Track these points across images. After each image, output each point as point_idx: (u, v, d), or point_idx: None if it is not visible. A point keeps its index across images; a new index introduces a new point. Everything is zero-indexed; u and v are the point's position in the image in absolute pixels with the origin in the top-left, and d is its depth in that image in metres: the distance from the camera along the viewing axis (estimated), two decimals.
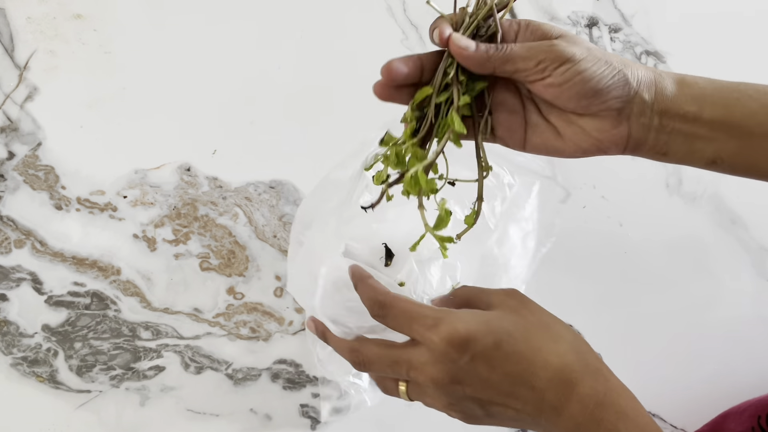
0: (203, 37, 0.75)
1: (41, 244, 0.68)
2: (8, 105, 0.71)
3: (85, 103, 0.72)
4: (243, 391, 0.68)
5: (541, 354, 0.42)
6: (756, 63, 0.80)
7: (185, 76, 0.74)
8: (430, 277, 0.65)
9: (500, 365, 0.42)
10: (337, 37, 0.77)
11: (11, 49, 0.73)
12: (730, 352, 0.73)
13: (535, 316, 0.44)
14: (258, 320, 0.69)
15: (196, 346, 0.68)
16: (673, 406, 0.72)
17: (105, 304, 0.68)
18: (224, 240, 0.70)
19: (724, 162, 0.44)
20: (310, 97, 0.74)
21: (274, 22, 0.76)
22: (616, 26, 0.80)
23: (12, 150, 0.70)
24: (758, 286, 0.74)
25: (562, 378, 0.42)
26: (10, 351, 0.66)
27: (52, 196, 0.70)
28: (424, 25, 0.77)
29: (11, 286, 0.67)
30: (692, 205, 0.76)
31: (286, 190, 0.72)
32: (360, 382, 0.66)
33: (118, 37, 0.74)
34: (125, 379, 0.67)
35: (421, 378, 0.44)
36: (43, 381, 0.66)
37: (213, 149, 0.72)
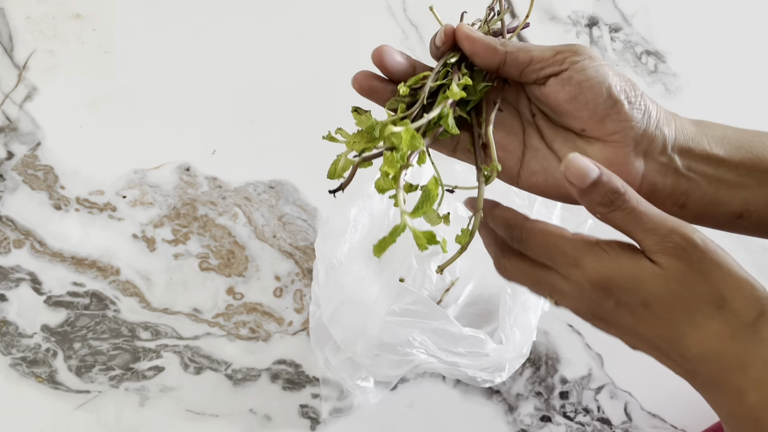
0: (203, 37, 0.75)
1: (40, 244, 0.68)
2: (7, 105, 0.71)
3: (84, 103, 0.72)
4: (242, 391, 0.67)
5: (699, 332, 0.36)
6: (756, 63, 0.80)
7: (185, 75, 0.74)
8: (430, 273, 0.65)
9: (648, 324, 0.37)
10: (336, 37, 0.77)
11: (10, 49, 0.72)
12: None
13: (709, 288, 0.36)
14: (257, 320, 0.69)
15: (196, 346, 0.68)
16: (673, 407, 0.72)
17: (104, 305, 0.68)
18: (224, 240, 0.70)
19: (752, 216, 0.40)
20: (309, 96, 0.74)
21: (273, 22, 0.76)
22: (616, 26, 0.80)
23: (11, 150, 0.70)
24: None
25: (719, 365, 0.37)
26: (9, 351, 0.66)
27: (52, 196, 0.70)
28: (424, 24, 0.77)
29: (10, 287, 0.67)
30: None
31: (285, 190, 0.72)
32: (367, 384, 0.66)
33: (117, 36, 0.74)
34: (124, 379, 0.67)
35: (564, 303, 0.39)
36: (42, 381, 0.66)
37: (212, 149, 0.72)
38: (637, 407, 0.72)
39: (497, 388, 0.70)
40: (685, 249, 0.35)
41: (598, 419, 0.71)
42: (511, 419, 0.69)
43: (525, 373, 0.71)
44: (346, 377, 0.65)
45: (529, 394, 0.70)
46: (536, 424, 0.69)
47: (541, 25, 0.79)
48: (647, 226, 0.35)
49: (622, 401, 0.72)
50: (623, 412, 0.71)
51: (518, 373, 0.70)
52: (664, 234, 0.35)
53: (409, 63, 0.42)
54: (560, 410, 0.70)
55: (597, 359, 0.72)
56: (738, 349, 0.35)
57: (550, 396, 0.70)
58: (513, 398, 0.70)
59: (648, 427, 0.72)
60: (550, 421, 0.70)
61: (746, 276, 0.35)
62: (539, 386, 0.70)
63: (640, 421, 0.72)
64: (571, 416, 0.70)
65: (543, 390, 0.70)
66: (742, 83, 0.81)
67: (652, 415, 0.72)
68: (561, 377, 0.71)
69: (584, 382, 0.71)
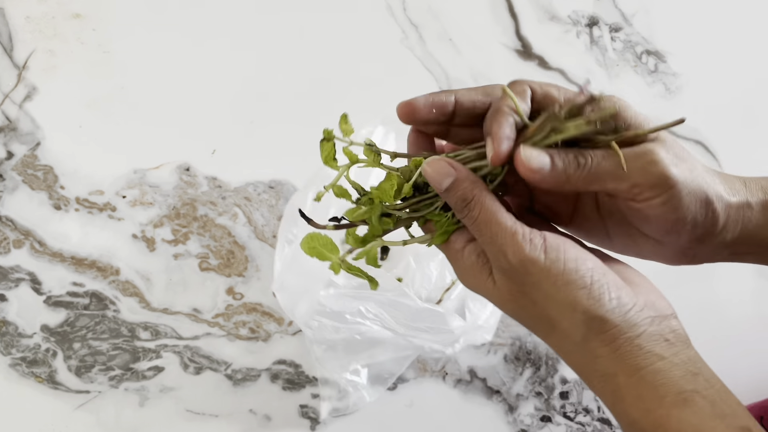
0: (202, 37, 0.75)
1: (40, 244, 0.68)
2: (7, 105, 0.71)
3: (84, 102, 0.72)
4: (242, 391, 0.67)
5: (549, 342, 0.37)
6: (756, 62, 0.80)
7: (184, 75, 0.74)
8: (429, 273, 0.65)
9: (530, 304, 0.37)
10: (336, 36, 0.77)
11: (10, 49, 0.72)
12: (730, 352, 0.73)
13: (537, 310, 0.36)
14: (257, 320, 0.69)
15: (196, 346, 0.68)
16: None
17: (104, 305, 0.68)
18: (223, 240, 0.70)
19: None
20: (309, 96, 0.74)
21: (273, 22, 0.76)
22: (616, 26, 0.80)
23: (11, 150, 0.70)
24: (759, 286, 0.74)
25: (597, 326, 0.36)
26: (9, 351, 0.66)
27: (51, 196, 0.70)
28: (424, 24, 0.77)
29: (10, 287, 0.67)
30: None
31: (285, 190, 0.72)
32: (358, 379, 0.66)
33: (117, 36, 0.74)
34: (124, 379, 0.67)
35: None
36: (42, 381, 0.66)
37: (212, 149, 0.72)
38: None
39: (497, 388, 0.70)
40: (511, 270, 0.35)
41: (598, 419, 0.71)
42: (511, 419, 0.69)
43: (525, 373, 0.70)
44: (333, 368, 0.65)
45: (529, 394, 0.70)
46: (536, 424, 0.69)
47: (541, 24, 0.79)
48: (485, 239, 0.36)
49: None
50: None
51: (518, 373, 0.70)
52: (496, 251, 0.35)
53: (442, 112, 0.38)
54: (560, 410, 0.70)
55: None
56: (577, 365, 0.36)
57: (550, 396, 0.70)
58: (513, 398, 0.70)
59: None
60: (551, 421, 0.70)
61: (567, 297, 0.34)
62: (539, 386, 0.70)
63: None
64: (572, 416, 0.70)
65: (543, 390, 0.70)
66: (743, 83, 0.81)
67: None
68: (561, 377, 0.71)
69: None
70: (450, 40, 0.77)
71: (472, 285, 0.38)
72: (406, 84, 0.76)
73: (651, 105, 0.79)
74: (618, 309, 0.34)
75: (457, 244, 0.38)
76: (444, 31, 0.77)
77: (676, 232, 0.36)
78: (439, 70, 0.76)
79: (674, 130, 0.78)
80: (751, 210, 0.37)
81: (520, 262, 0.34)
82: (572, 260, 0.34)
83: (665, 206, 0.34)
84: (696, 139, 0.79)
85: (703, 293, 0.74)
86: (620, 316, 0.34)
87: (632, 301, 0.34)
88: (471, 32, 0.78)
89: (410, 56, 0.77)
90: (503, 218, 0.35)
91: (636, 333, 0.34)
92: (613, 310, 0.34)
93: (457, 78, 0.77)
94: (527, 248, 0.34)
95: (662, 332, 0.34)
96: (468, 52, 0.78)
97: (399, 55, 0.77)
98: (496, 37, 0.78)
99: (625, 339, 0.33)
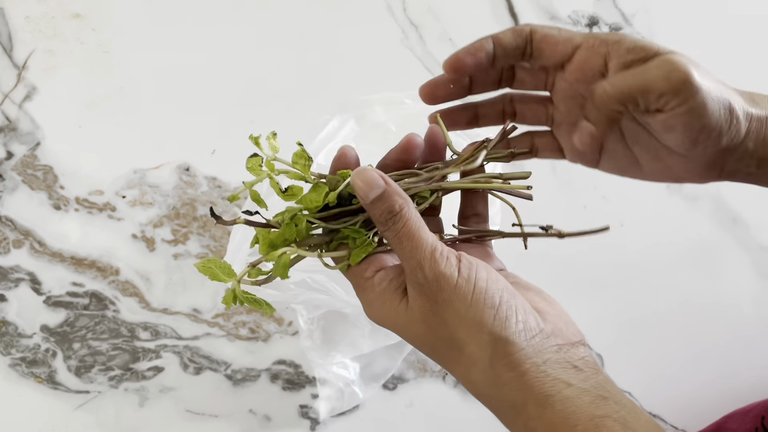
0: (202, 37, 0.75)
1: (40, 244, 0.68)
2: (7, 104, 0.71)
3: (83, 102, 0.72)
4: (242, 391, 0.67)
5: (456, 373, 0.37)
6: (756, 62, 0.80)
7: (184, 75, 0.74)
8: None
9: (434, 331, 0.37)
10: (336, 36, 0.77)
11: (10, 49, 0.72)
12: (730, 352, 0.73)
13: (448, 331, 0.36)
14: (257, 321, 0.69)
15: (195, 346, 0.68)
16: (673, 407, 0.71)
17: (104, 305, 0.68)
18: (223, 240, 0.70)
19: None
20: (309, 96, 0.74)
21: (273, 22, 0.76)
22: (616, 26, 0.80)
23: (10, 150, 0.70)
24: (759, 286, 0.74)
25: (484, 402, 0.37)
26: (8, 351, 0.66)
27: (51, 195, 0.69)
28: (424, 24, 0.77)
29: (10, 287, 0.67)
30: (693, 205, 0.75)
31: None
32: (347, 374, 0.66)
33: (116, 36, 0.74)
34: (124, 379, 0.66)
35: None
36: (41, 381, 0.66)
37: (212, 149, 0.72)
38: None
39: None
40: (426, 284, 0.35)
41: None
42: None
43: None
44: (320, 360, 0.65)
45: None
46: None
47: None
48: (405, 252, 0.36)
49: None
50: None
51: None
52: (414, 265, 0.36)
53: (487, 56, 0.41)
54: None
55: (597, 359, 0.72)
56: (487, 396, 0.35)
57: None
58: None
59: None
60: None
61: (475, 316, 0.34)
62: None
63: None
64: None
65: None
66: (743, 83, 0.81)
67: (652, 415, 0.71)
68: None
69: None
70: (450, 40, 0.77)
71: (380, 314, 0.38)
72: (406, 84, 0.76)
73: None
74: (524, 333, 0.34)
75: (367, 272, 0.38)
76: (444, 31, 0.77)
77: (703, 141, 0.36)
78: (439, 70, 0.76)
79: None
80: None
81: (434, 276, 0.35)
82: (483, 280, 0.35)
83: (691, 114, 0.35)
84: None
85: (703, 293, 0.74)
86: (526, 340, 0.34)
87: (539, 327, 0.35)
88: (471, 32, 0.78)
89: (410, 56, 0.77)
90: (425, 234, 0.36)
91: (542, 359, 0.34)
92: (519, 333, 0.34)
93: None
94: (443, 264, 0.35)
95: (570, 359, 0.34)
96: None
97: (399, 55, 0.77)
98: None
99: (531, 364, 0.33)
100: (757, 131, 0.37)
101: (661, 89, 0.35)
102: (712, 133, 0.36)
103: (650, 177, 0.41)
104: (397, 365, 0.68)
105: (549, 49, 0.39)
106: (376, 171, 0.36)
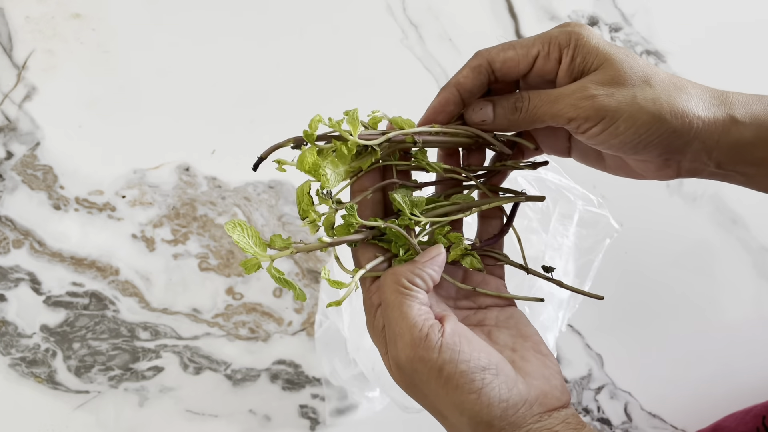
0: (202, 37, 0.75)
1: (40, 244, 0.68)
2: (6, 104, 0.71)
3: (83, 102, 0.72)
4: (242, 391, 0.67)
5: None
6: (757, 62, 0.80)
7: (184, 75, 0.74)
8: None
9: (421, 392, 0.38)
10: (336, 36, 0.77)
11: (9, 49, 0.72)
12: (730, 353, 0.73)
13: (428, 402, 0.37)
14: (257, 320, 0.69)
15: (195, 346, 0.68)
16: (673, 407, 0.71)
17: (103, 305, 0.68)
18: (223, 240, 0.70)
19: None
20: (309, 96, 0.74)
21: (273, 22, 0.76)
22: (616, 26, 0.80)
23: (10, 150, 0.70)
24: (759, 286, 0.74)
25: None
26: (8, 351, 0.66)
27: (51, 195, 0.69)
28: (423, 24, 0.77)
29: (9, 287, 0.67)
30: (693, 205, 0.75)
31: (285, 190, 0.72)
32: (374, 395, 0.66)
33: (116, 36, 0.74)
34: (124, 379, 0.66)
35: None
36: (41, 381, 0.66)
37: (212, 149, 0.72)
38: (637, 407, 0.72)
39: None
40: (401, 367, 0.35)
41: (598, 419, 0.71)
42: None
43: None
44: (356, 390, 0.65)
45: None
46: None
47: (540, 24, 0.79)
48: (386, 319, 0.36)
49: (622, 401, 0.72)
50: (623, 413, 0.71)
51: None
52: (392, 336, 0.36)
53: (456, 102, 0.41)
54: None
55: (597, 359, 0.72)
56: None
57: None
58: None
59: (648, 427, 0.71)
60: None
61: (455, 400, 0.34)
62: None
63: (640, 422, 0.71)
64: None
65: None
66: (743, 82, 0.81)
67: (652, 415, 0.71)
68: None
69: (584, 382, 0.71)
70: (450, 40, 0.77)
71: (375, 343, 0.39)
72: (406, 84, 0.76)
73: None
74: (505, 413, 0.34)
75: (375, 298, 0.38)
76: (444, 31, 0.77)
77: (631, 151, 0.37)
78: (439, 69, 0.76)
79: None
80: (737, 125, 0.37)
81: (408, 360, 0.34)
82: (465, 362, 0.34)
83: (606, 133, 0.36)
84: None
85: (703, 293, 0.74)
86: (506, 419, 0.34)
87: (522, 399, 0.34)
88: (471, 32, 0.78)
89: (410, 56, 0.77)
90: (408, 308, 0.35)
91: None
92: (500, 416, 0.34)
93: None
94: (420, 345, 0.34)
95: (551, 426, 0.34)
96: (468, 52, 0.77)
97: (399, 55, 0.77)
98: (496, 37, 0.78)
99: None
100: (708, 133, 0.37)
101: (570, 116, 0.36)
102: (639, 144, 0.36)
103: (613, 171, 0.42)
104: None
105: (512, 70, 0.39)
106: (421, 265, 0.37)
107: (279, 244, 0.37)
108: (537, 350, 0.38)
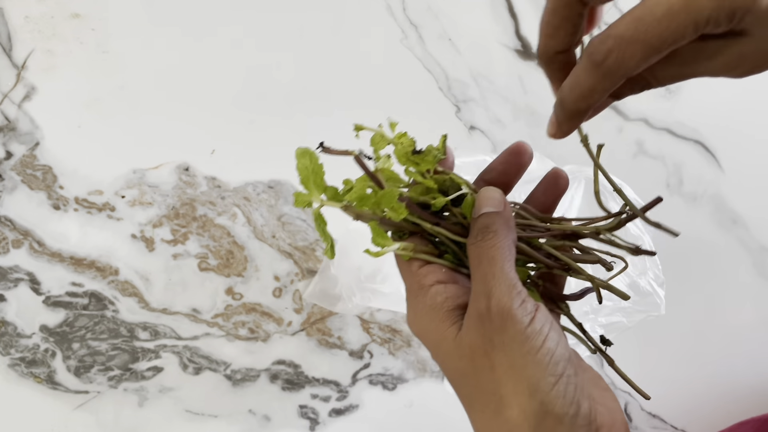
0: (202, 36, 0.75)
1: (39, 244, 0.68)
2: (6, 104, 0.71)
3: (83, 102, 0.72)
4: (242, 391, 0.67)
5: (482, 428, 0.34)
6: None
7: (184, 75, 0.74)
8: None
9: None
10: (336, 36, 0.76)
11: (9, 49, 0.72)
12: (730, 353, 0.73)
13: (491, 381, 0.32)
14: (257, 321, 0.69)
15: (195, 346, 0.68)
16: (673, 407, 0.71)
17: (103, 305, 0.68)
18: (223, 240, 0.70)
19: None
20: (309, 96, 0.74)
21: (273, 22, 0.76)
22: None
23: (10, 150, 0.70)
24: (759, 286, 0.74)
25: None
26: (8, 351, 0.66)
27: (50, 195, 0.69)
28: (423, 24, 0.77)
29: (9, 287, 0.67)
30: (693, 205, 0.75)
31: (285, 190, 0.72)
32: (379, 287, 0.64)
33: (116, 36, 0.74)
34: (123, 379, 0.66)
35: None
36: (41, 382, 0.66)
37: (212, 149, 0.72)
38: (637, 407, 0.72)
39: None
40: (488, 316, 0.32)
41: None
42: None
43: None
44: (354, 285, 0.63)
45: None
46: None
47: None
48: (479, 274, 0.33)
49: (622, 401, 0.72)
50: (623, 413, 0.71)
51: None
52: (482, 290, 0.32)
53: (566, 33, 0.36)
54: None
55: (597, 359, 0.71)
56: None
57: None
58: None
59: (648, 428, 0.71)
60: None
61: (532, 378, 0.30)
62: None
63: (640, 422, 0.71)
64: None
65: None
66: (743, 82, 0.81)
67: (652, 415, 0.71)
68: None
69: None
70: (450, 40, 0.77)
71: (423, 329, 0.35)
72: (406, 84, 0.76)
73: (651, 105, 0.79)
74: (576, 418, 0.30)
75: (427, 279, 0.36)
76: (444, 31, 0.77)
77: None
78: (439, 69, 0.76)
79: (673, 131, 0.78)
80: None
81: (500, 312, 0.31)
82: (554, 341, 0.31)
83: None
84: (696, 139, 0.79)
85: (703, 293, 0.74)
86: (574, 424, 0.30)
87: (588, 418, 0.30)
88: (471, 32, 0.78)
89: (410, 56, 0.77)
90: (508, 267, 0.33)
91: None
92: (572, 416, 0.30)
93: (456, 78, 0.77)
94: (515, 303, 0.31)
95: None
96: (468, 52, 0.78)
97: (399, 55, 0.77)
98: (496, 37, 0.78)
99: None
100: None
101: (710, 8, 0.30)
102: None
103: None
104: None
105: None
106: (502, 194, 0.36)
107: (332, 195, 0.36)
108: (596, 384, 0.34)
